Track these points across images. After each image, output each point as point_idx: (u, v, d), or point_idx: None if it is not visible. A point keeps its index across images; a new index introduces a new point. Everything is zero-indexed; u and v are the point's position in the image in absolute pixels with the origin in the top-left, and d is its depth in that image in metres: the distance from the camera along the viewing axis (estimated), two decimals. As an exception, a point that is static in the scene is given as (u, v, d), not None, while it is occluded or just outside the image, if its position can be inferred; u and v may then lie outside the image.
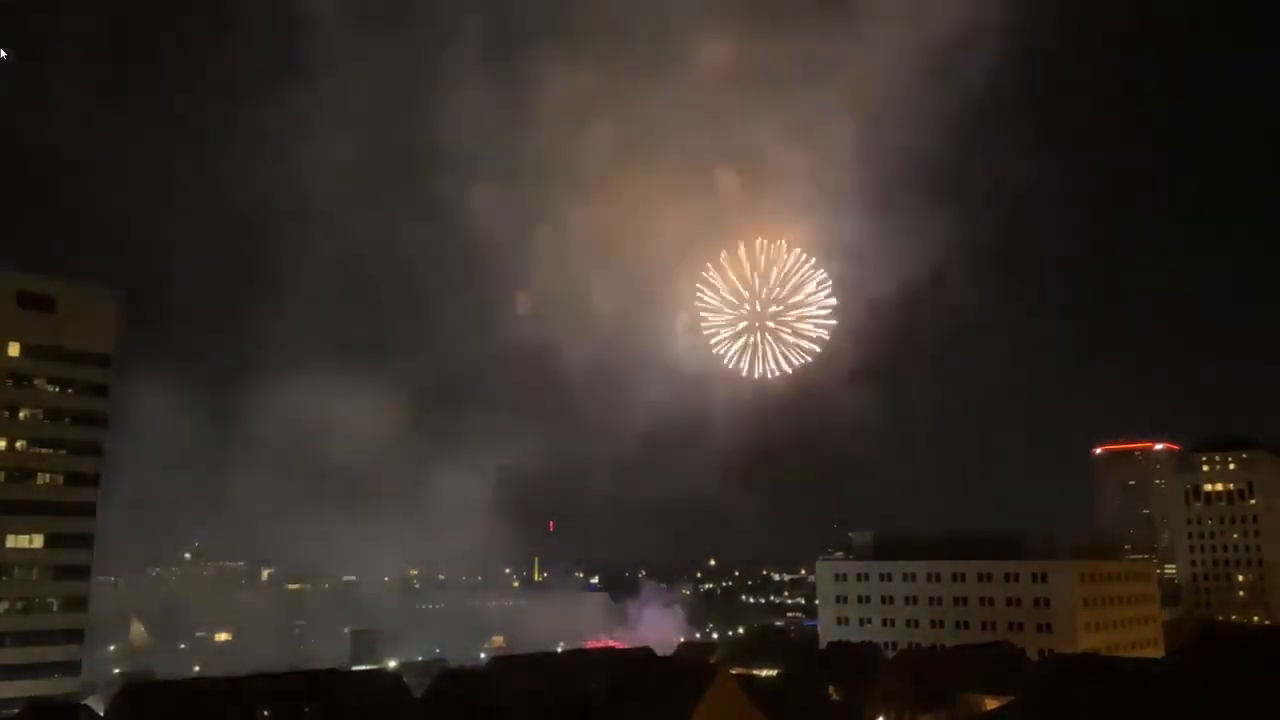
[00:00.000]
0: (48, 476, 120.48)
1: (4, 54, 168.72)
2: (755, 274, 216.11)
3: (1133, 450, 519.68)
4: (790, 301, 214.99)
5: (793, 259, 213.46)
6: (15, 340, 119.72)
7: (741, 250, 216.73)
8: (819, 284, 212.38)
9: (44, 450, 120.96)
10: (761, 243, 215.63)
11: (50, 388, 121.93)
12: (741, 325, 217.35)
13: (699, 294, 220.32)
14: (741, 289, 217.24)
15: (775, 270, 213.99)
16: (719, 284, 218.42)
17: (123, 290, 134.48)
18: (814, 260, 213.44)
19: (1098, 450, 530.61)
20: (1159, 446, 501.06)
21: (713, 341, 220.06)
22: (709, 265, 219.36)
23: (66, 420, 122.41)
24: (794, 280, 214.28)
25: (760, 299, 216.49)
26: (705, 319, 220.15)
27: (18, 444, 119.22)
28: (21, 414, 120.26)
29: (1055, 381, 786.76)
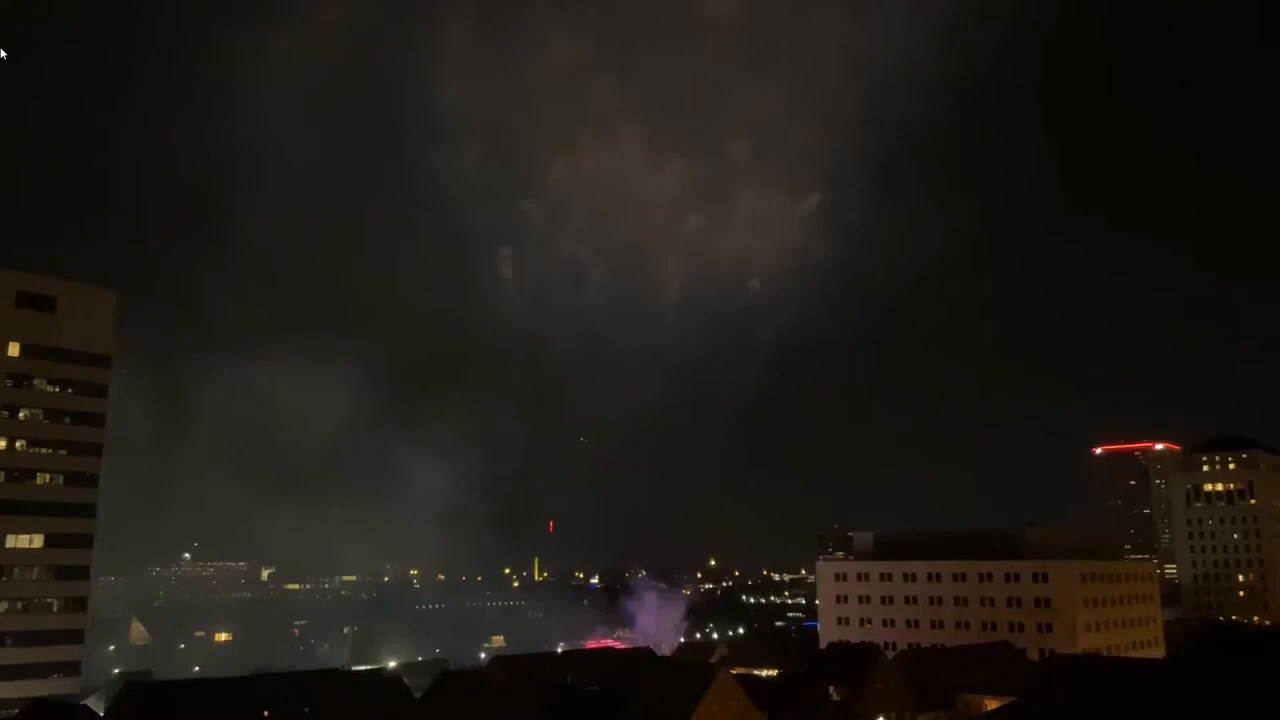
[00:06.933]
0: (48, 476, 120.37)
1: (3, 54, 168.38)
2: None
3: (1133, 450, 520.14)
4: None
5: None
6: (15, 340, 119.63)
7: None
8: None
9: (44, 450, 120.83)
10: None
11: (50, 388, 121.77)
12: None
13: None
14: None
15: None
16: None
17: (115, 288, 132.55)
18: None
19: (1098, 450, 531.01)
20: (1159, 446, 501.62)
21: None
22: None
23: (66, 420, 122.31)
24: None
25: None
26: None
27: (18, 444, 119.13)
28: (21, 414, 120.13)
29: (1055, 381, 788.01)
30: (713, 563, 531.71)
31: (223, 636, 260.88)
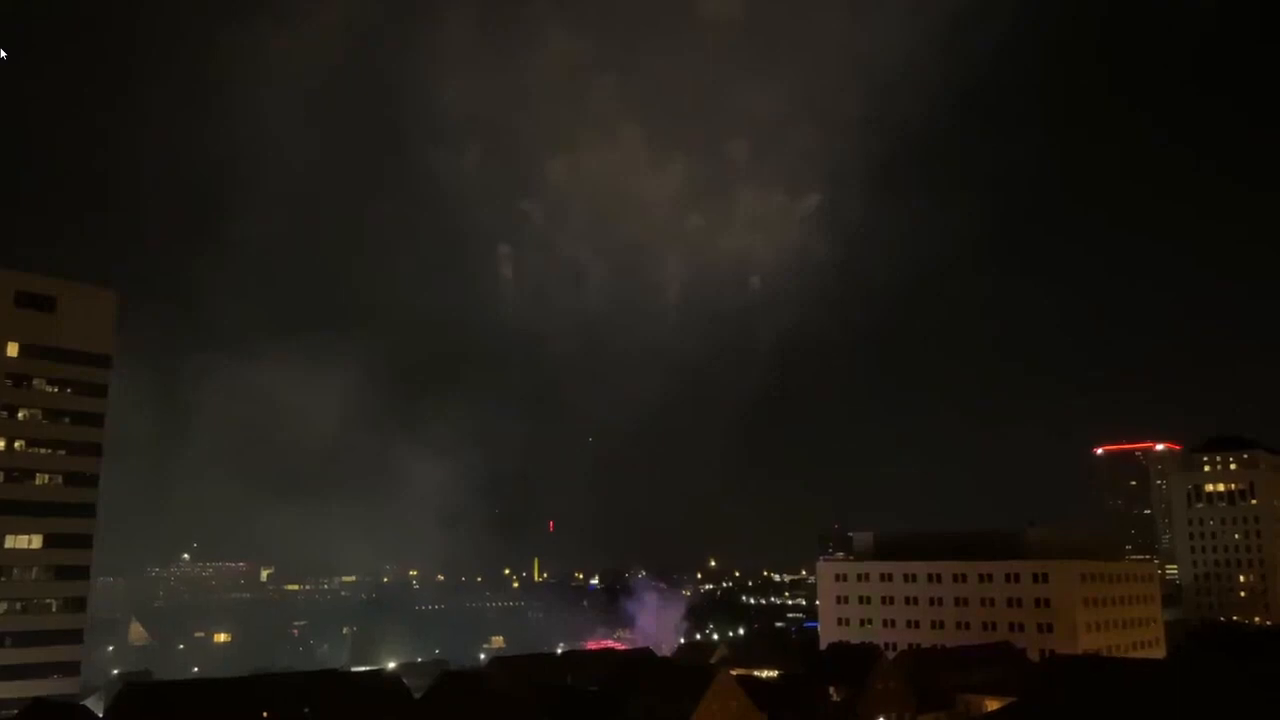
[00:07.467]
0: (47, 476, 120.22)
1: (3, 54, 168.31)
2: None
3: (1133, 450, 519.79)
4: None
5: None
6: (15, 340, 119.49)
7: None
8: None
9: (44, 450, 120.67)
10: None
11: (49, 388, 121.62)
12: None
13: None
14: None
15: None
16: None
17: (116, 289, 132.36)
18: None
19: (1098, 450, 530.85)
20: (1159, 446, 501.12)
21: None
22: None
23: (66, 420, 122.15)
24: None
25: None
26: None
27: (17, 444, 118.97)
28: (21, 414, 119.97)
29: (1055, 381, 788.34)
30: (713, 563, 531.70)
31: (222, 637, 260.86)
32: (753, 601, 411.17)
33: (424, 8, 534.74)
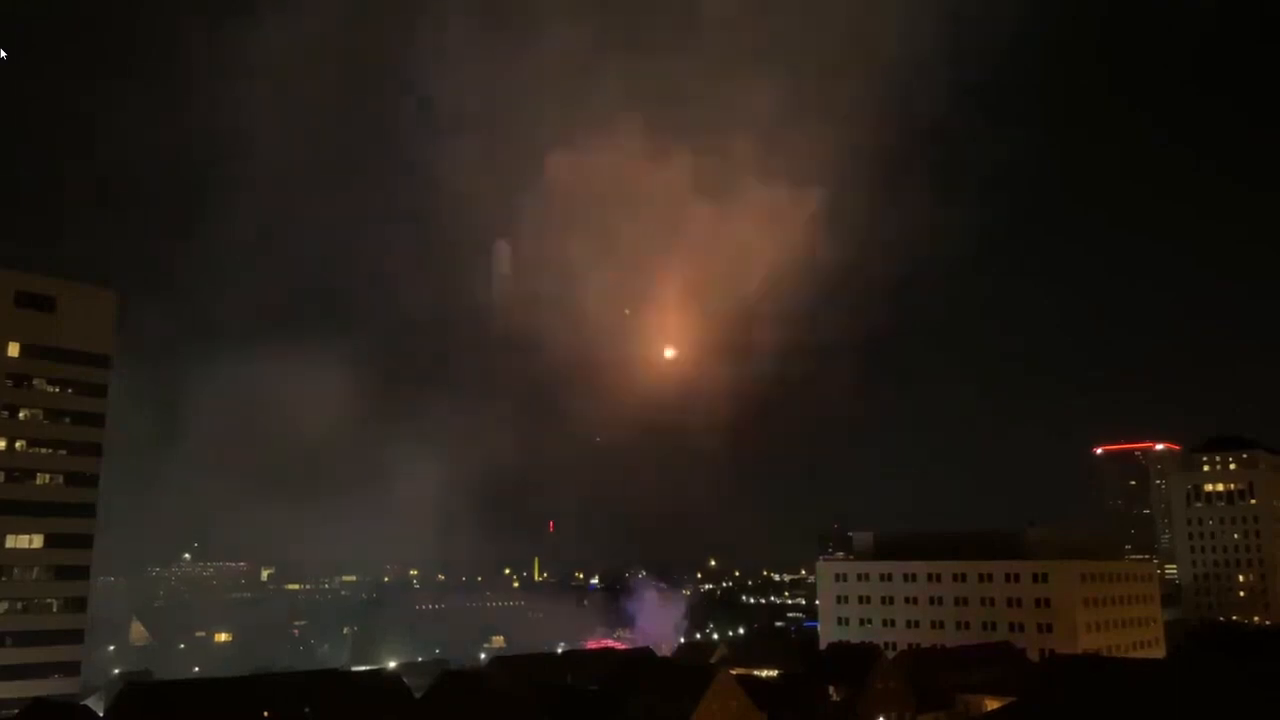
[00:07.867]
0: (48, 476, 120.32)
1: (3, 54, 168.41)
2: None
3: (1133, 450, 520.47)
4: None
5: None
6: (15, 340, 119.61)
7: None
8: None
9: (44, 450, 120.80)
10: None
11: (50, 388, 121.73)
12: None
13: None
14: None
15: None
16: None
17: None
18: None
19: (1098, 450, 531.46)
20: (1159, 446, 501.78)
21: None
22: None
23: (66, 420, 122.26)
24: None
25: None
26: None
27: (18, 444, 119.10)
28: (21, 414, 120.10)
29: (1055, 381, 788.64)
30: (713, 563, 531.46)
31: (223, 636, 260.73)
32: (753, 601, 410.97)
33: (424, 7, 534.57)
